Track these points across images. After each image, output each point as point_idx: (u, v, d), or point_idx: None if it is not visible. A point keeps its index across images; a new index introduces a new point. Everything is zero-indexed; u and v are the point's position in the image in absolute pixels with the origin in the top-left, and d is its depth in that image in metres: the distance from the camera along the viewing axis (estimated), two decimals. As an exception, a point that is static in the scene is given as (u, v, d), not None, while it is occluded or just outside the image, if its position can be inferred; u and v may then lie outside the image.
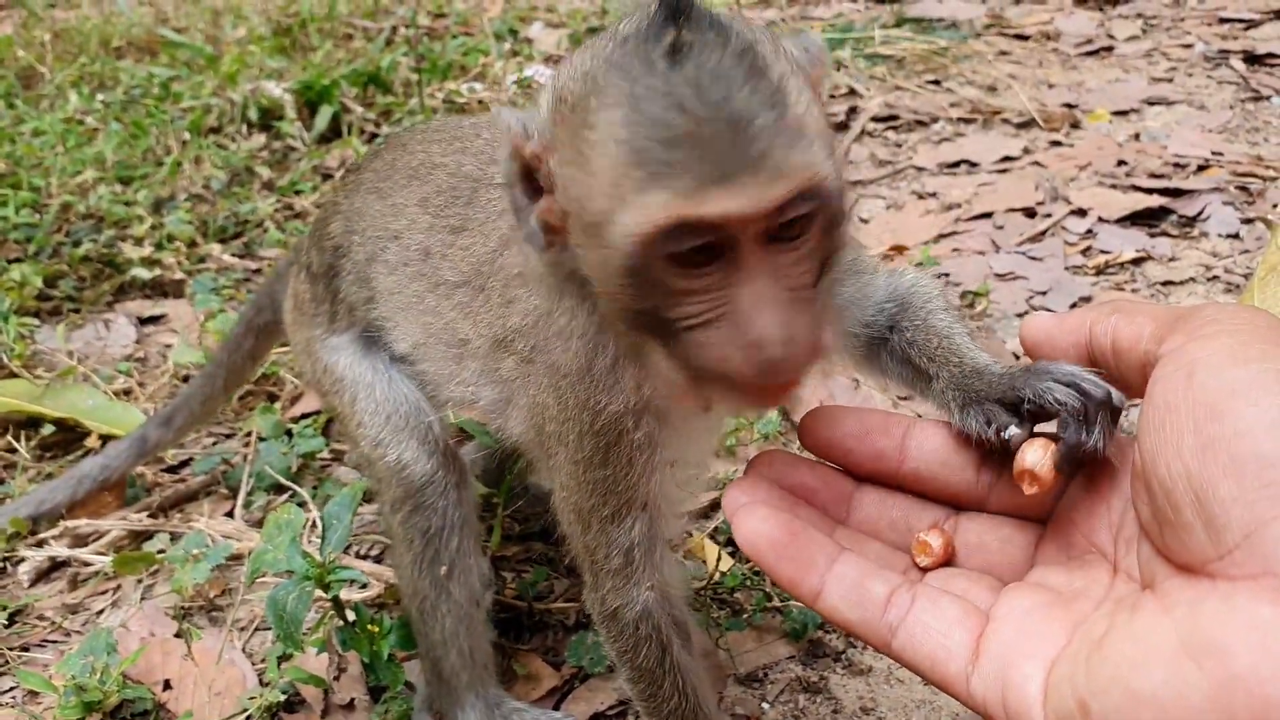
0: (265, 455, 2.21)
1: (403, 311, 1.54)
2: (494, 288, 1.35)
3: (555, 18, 4.99)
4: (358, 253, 1.62)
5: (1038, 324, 1.05)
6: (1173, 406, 0.83)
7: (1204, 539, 0.79)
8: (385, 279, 1.56)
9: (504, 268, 1.32)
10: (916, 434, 1.10)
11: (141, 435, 2.11)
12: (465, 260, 1.42)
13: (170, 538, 2.06)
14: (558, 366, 1.20)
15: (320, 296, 1.69)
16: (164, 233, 3.07)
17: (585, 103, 0.95)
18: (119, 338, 2.76)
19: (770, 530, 1.01)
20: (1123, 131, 3.62)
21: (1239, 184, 3.18)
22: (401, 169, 1.60)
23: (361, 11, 4.90)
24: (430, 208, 1.51)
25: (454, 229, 1.45)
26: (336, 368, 1.65)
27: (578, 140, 0.96)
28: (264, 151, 3.62)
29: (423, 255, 1.49)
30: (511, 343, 1.32)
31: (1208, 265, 2.82)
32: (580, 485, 1.24)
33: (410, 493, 1.57)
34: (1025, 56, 4.32)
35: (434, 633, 1.62)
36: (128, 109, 3.88)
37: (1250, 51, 4.16)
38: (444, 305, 1.45)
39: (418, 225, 1.52)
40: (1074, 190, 3.20)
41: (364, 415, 1.60)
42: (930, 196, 3.30)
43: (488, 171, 1.45)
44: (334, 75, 3.94)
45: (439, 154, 1.57)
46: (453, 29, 4.75)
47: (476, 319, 1.39)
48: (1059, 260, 2.86)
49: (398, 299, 1.54)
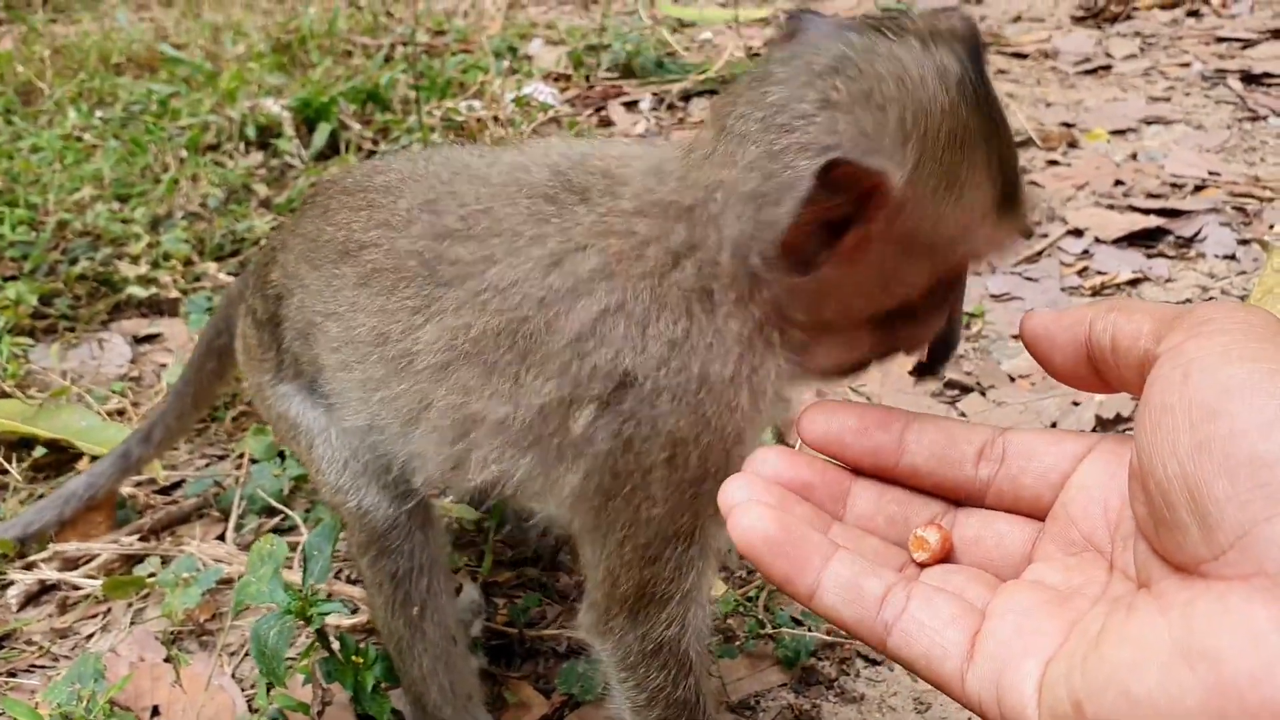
0: (257, 478, 2.20)
1: (357, 392, 1.46)
2: (549, 350, 1.25)
3: (555, 35, 5.00)
4: (296, 316, 1.56)
5: (1037, 320, 1.05)
6: (1169, 406, 0.82)
7: (1199, 539, 0.78)
8: (330, 356, 1.49)
9: (561, 326, 1.24)
10: (914, 428, 1.09)
11: (124, 451, 2.11)
12: (465, 339, 1.31)
13: (161, 561, 2.05)
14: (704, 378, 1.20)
15: (266, 343, 1.65)
16: (160, 251, 3.07)
17: (958, 142, 1.06)
18: (114, 357, 2.76)
19: (766, 528, 1.01)
20: (1120, 151, 3.62)
21: (1236, 204, 3.18)
22: (328, 242, 1.51)
23: (361, 28, 4.92)
24: (375, 291, 1.41)
25: (420, 311, 1.35)
26: (289, 414, 1.62)
27: (951, 176, 1.07)
28: (261, 169, 3.63)
29: (378, 340, 1.40)
30: (584, 396, 1.24)
31: (1204, 286, 2.82)
32: (674, 510, 1.24)
33: (374, 538, 1.56)
34: (1023, 75, 4.33)
35: (413, 670, 1.63)
36: (126, 126, 3.89)
37: (1247, 71, 4.17)
38: (435, 389, 1.35)
39: (363, 308, 1.43)
40: (1071, 210, 3.20)
41: (322, 462, 1.58)
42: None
43: (436, 249, 1.36)
44: (332, 92, 3.94)
45: (360, 229, 1.47)
46: (452, 46, 4.76)
47: (507, 393, 1.29)
48: (1055, 281, 2.86)
49: (347, 379, 1.47)
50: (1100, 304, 1.00)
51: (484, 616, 1.91)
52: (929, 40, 1.09)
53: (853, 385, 2.49)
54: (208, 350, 2.03)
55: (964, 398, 2.45)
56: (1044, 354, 1.04)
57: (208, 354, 2.03)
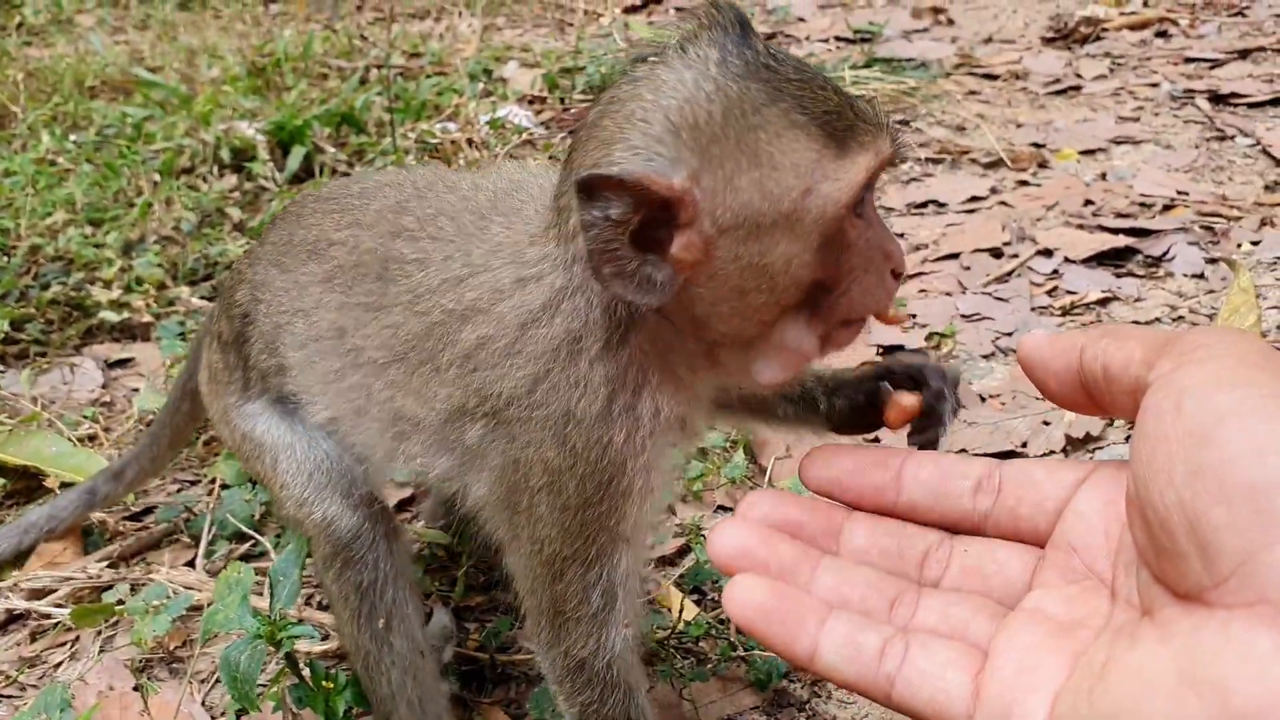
0: (228, 503, 2.19)
1: (319, 386, 1.53)
2: (447, 360, 1.31)
3: (530, 57, 5.02)
4: (264, 323, 1.61)
5: (1032, 344, 1.07)
6: (1163, 435, 0.83)
7: (1199, 567, 0.79)
8: (295, 354, 1.55)
9: (456, 340, 1.30)
10: (911, 465, 1.10)
11: (91, 487, 2.12)
12: (396, 338, 1.37)
13: (131, 588, 2.03)
14: (569, 414, 1.22)
15: (232, 364, 1.69)
16: (133, 275, 3.06)
17: (735, 114, 1.06)
18: (85, 382, 2.74)
19: (758, 598, 1.01)
20: (1090, 171, 3.67)
21: (1204, 224, 3.22)
22: (299, 244, 1.58)
23: (337, 51, 4.93)
24: (337, 286, 1.48)
25: (370, 307, 1.41)
26: (254, 433, 1.65)
27: (745, 148, 1.06)
28: (235, 193, 3.62)
29: (337, 334, 1.46)
30: (476, 410, 1.30)
31: (1173, 305, 2.85)
32: (565, 532, 1.26)
33: (338, 549, 1.57)
34: (994, 96, 4.38)
35: (380, 687, 1.62)
36: (100, 149, 3.88)
37: (1215, 91, 4.23)
38: (374, 383, 1.42)
39: (325, 304, 1.49)
40: (1040, 230, 3.24)
41: (286, 476, 1.60)
42: (898, 237, 3.32)
43: (389, 246, 1.42)
44: (307, 115, 3.95)
45: (332, 229, 1.53)
46: (427, 69, 4.78)
47: (421, 394, 1.35)
48: (1025, 301, 2.88)
49: (311, 374, 1.53)
50: (1092, 330, 1.01)
51: (455, 641, 1.90)
52: (684, 45, 1.11)
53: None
54: (182, 393, 2.04)
55: (935, 417, 2.46)
56: (1039, 379, 1.05)
57: (182, 396, 2.04)
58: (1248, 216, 3.25)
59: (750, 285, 1.12)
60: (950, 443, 2.36)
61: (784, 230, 1.09)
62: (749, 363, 1.20)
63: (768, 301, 1.13)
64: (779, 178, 1.07)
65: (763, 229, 1.08)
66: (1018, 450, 2.34)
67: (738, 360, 1.21)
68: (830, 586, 1.04)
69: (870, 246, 1.15)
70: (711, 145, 1.06)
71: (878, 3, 5.63)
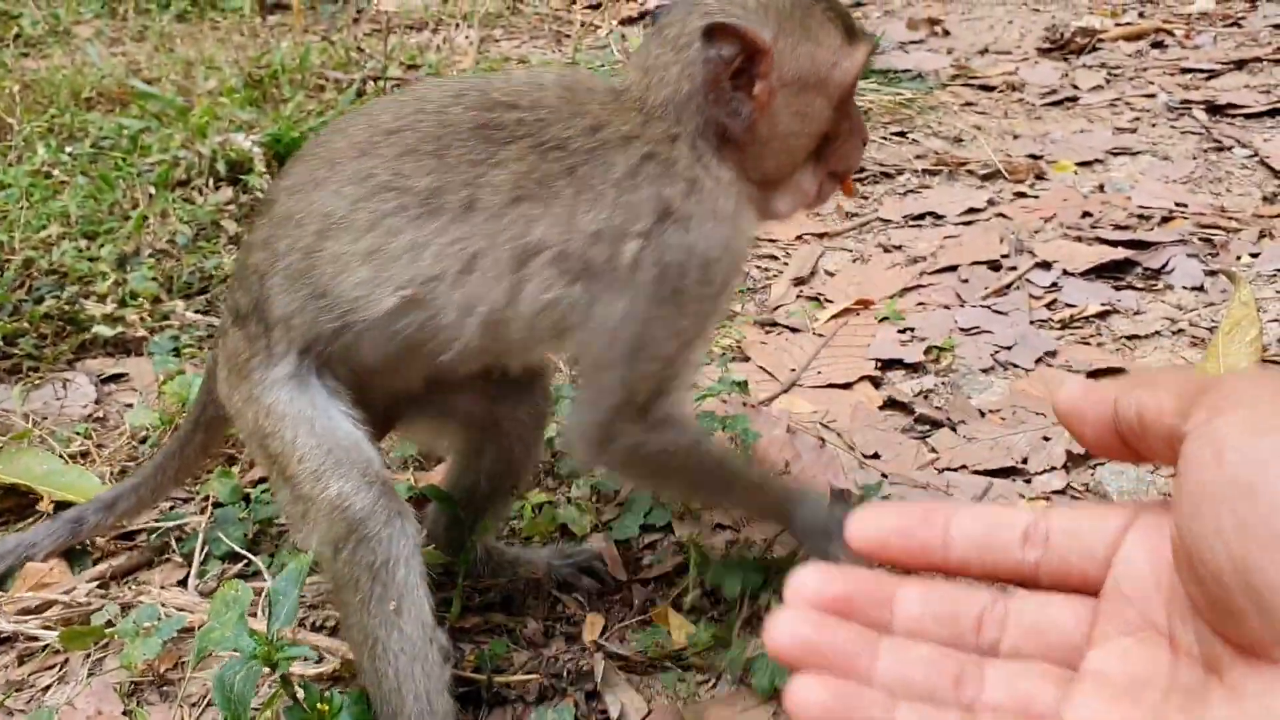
0: (221, 521, 2.17)
1: (399, 264, 1.58)
2: (601, 187, 1.57)
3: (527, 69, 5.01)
4: (292, 255, 1.64)
5: (1067, 396, 1.05)
6: (1205, 488, 0.81)
7: (1259, 624, 0.77)
8: (353, 247, 1.59)
9: (607, 168, 1.58)
10: (957, 520, 1.08)
11: (78, 516, 2.07)
12: (528, 179, 1.57)
13: (121, 609, 2.01)
14: (715, 212, 1.60)
15: (254, 334, 1.68)
16: (127, 289, 3.04)
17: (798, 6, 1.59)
18: (78, 398, 2.72)
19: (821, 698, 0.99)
20: (1087, 182, 3.66)
21: (1203, 235, 3.21)
22: (341, 152, 1.65)
23: (334, 63, 4.92)
24: (423, 157, 1.59)
25: (481, 162, 1.58)
26: (276, 405, 1.64)
27: (803, 29, 1.59)
28: (231, 205, 3.60)
29: (433, 194, 1.58)
30: (628, 231, 1.57)
31: (1173, 319, 2.84)
32: (692, 325, 1.63)
33: (353, 526, 1.57)
34: (991, 107, 4.37)
35: (387, 680, 1.59)
36: (95, 161, 3.86)
37: (1212, 102, 4.23)
38: (497, 225, 1.57)
39: (410, 173, 1.59)
40: (1039, 243, 3.23)
41: (304, 450, 1.61)
42: (896, 249, 3.31)
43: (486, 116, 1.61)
44: (304, 127, 3.93)
45: (389, 122, 1.64)
46: (424, 80, 4.77)
47: (570, 221, 1.57)
48: (1024, 314, 2.87)
49: (381, 258, 1.59)
50: (1125, 380, 0.99)
51: (451, 663, 1.88)
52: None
53: (823, 422, 2.48)
54: (195, 424, 2.02)
55: (934, 433, 2.45)
56: (1076, 429, 1.04)
57: (195, 428, 2.02)
58: (1246, 228, 3.25)
59: (793, 129, 1.62)
60: (950, 459, 2.34)
61: (818, 90, 1.61)
62: (775, 200, 1.70)
63: (800, 144, 1.65)
64: (820, 53, 1.60)
65: (807, 87, 1.60)
66: (1018, 466, 2.32)
67: (768, 198, 1.69)
68: (892, 672, 1.02)
69: (853, 118, 1.70)
70: (784, 22, 1.57)
71: (873, 14, 5.63)
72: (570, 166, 1.58)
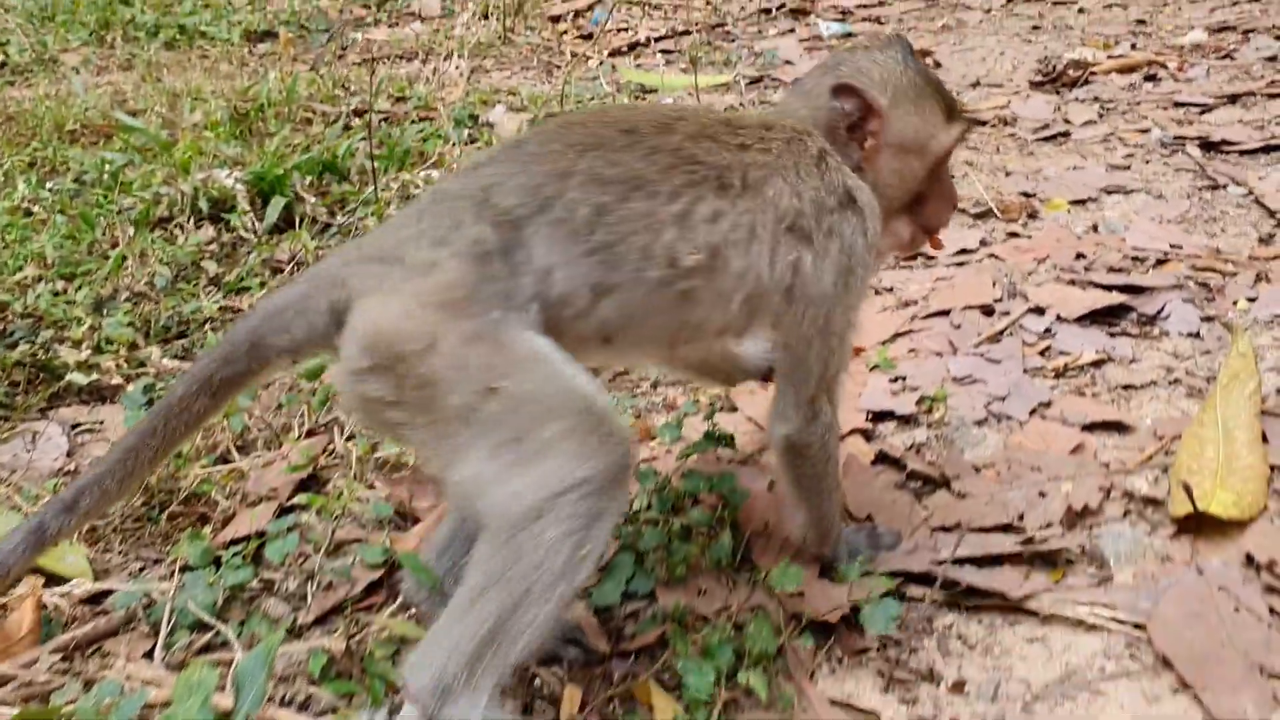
0: (190, 587, 2.10)
1: (699, 227, 1.78)
2: (807, 167, 1.92)
3: (517, 101, 4.97)
4: (578, 209, 1.72)
5: None
6: None
7: None
8: (668, 206, 1.76)
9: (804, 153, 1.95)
10: None
11: (39, 524, 1.77)
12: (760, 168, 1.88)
13: (85, 685, 1.93)
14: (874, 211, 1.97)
15: (495, 274, 1.68)
16: (102, 335, 2.97)
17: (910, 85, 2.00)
18: (49, 449, 2.65)
19: None
20: (1081, 222, 3.61)
21: (1199, 279, 3.16)
22: (610, 127, 1.84)
23: (321, 95, 4.87)
24: (702, 138, 1.85)
25: (732, 148, 1.88)
26: (520, 346, 1.65)
27: (915, 104, 2.00)
28: (212, 245, 3.54)
29: (723, 171, 1.83)
30: (825, 203, 1.92)
31: (1169, 367, 2.78)
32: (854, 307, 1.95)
33: (617, 473, 1.61)
34: (982, 142, 4.33)
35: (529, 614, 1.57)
36: (77, 197, 3.80)
37: (1206, 138, 4.19)
38: (756, 202, 1.85)
39: (702, 154, 1.83)
40: (1032, 286, 3.18)
41: (575, 380, 1.66)
42: (887, 292, 3.26)
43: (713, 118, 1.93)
44: (288, 164, 3.88)
45: (624, 117, 1.89)
46: (412, 114, 4.72)
47: (794, 193, 1.89)
48: (1018, 362, 2.82)
49: (693, 216, 1.78)
50: None
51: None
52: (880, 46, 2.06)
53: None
54: (203, 387, 1.78)
55: (928, 492, 2.38)
56: None
57: (201, 391, 1.78)
58: (1243, 271, 3.20)
59: (892, 182, 2.02)
60: (944, 517, 2.28)
61: (917, 155, 2.02)
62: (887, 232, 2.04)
63: (897, 196, 2.04)
64: (923, 125, 2.01)
65: (907, 150, 2.01)
66: (1014, 524, 2.26)
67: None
68: None
69: (945, 184, 2.12)
70: (898, 94, 1.98)
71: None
72: (780, 156, 1.89)
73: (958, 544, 2.15)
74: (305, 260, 3.41)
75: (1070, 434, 2.53)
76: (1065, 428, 2.56)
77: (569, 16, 6.52)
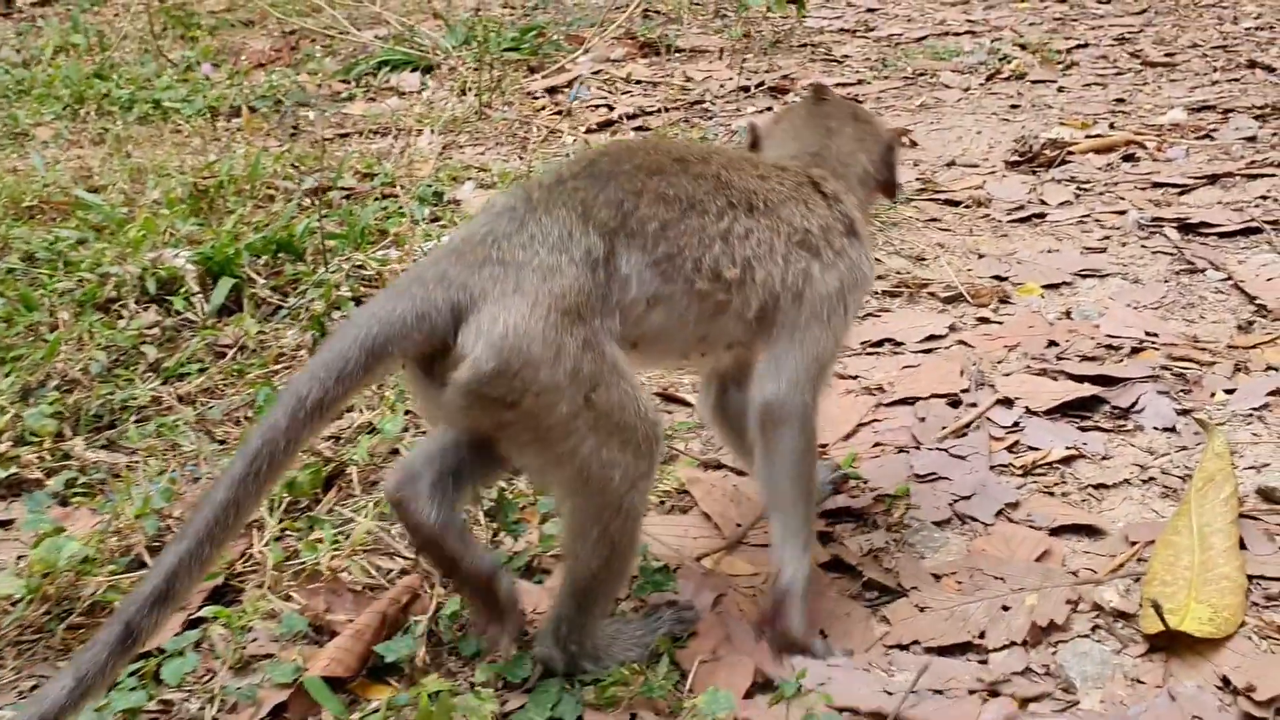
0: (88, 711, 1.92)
1: (736, 241, 1.99)
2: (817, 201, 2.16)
3: (487, 178, 4.90)
4: (650, 223, 1.90)
5: None
6: None
7: None
8: (718, 224, 1.97)
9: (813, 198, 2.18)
10: None
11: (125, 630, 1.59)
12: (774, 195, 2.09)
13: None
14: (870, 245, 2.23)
15: (600, 283, 1.82)
16: (24, 427, 2.83)
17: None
18: (-46, 550, 2.49)
19: None
20: (1054, 307, 3.50)
21: (1175, 369, 3.04)
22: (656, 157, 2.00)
23: (284, 173, 4.79)
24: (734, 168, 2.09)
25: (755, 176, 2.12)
26: (615, 358, 1.83)
27: None
28: (155, 329, 3.41)
29: (747, 194, 2.03)
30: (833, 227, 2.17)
31: (1143, 465, 2.65)
32: (849, 318, 2.12)
33: (659, 449, 1.90)
34: (955, 223, 4.25)
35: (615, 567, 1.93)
36: (26, 276, 3.68)
37: (1184, 220, 4.10)
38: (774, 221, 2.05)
39: (733, 180, 2.04)
40: (1000, 375, 3.05)
41: (637, 390, 1.86)
42: (852, 379, 3.13)
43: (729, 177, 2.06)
44: (244, 242, 3.77)
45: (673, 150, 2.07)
46: (376, 191, 4.64)
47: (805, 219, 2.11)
48: (984, 459, 2.68)
49: (733, 233, 1.98)
50: None
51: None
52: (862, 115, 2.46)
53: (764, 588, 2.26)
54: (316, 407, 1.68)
55: (884, 602, 2.23)
56: None
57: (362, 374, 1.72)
58: (1220, 361, 3.08)
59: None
60: (899, 634, 2.12)
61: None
62: None
63: None
64: None
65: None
66: (974, 642, 2.10)
67: None
68: None
69: None
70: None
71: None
72: (796, 190, 2.12)
73: (917, 679, 1.97)
74: (248, 344, 3.29)
75: (1037, 538, 2.38)
76: (1032, 531, 2.41)
77: (546, 93, 6.49)
